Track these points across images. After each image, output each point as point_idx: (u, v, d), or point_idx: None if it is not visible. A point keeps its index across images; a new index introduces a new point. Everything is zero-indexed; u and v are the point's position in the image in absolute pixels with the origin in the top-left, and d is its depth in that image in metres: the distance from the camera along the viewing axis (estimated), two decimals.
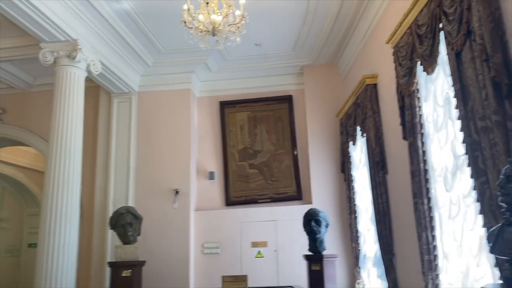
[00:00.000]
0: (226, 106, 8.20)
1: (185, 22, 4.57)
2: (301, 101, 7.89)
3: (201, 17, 4.54)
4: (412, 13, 4.09)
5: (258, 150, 8.01)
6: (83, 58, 5.79)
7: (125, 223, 5.76)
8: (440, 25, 3.50)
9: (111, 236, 6.72)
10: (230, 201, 7.78)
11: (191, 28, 4.57)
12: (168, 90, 7.75)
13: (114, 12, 5.93)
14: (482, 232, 3.10)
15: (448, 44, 3.35)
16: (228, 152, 8.02)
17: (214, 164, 7.95)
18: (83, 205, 6.95)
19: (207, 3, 4.43)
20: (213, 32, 4.53)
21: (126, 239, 5.78)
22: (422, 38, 3.90)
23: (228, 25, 4.55)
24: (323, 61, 7.65)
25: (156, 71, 7.62)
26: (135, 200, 7.23)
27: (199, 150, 7.98)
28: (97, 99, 7.75)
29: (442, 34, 3.51)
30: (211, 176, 7.84)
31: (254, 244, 7.32)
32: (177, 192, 7.29)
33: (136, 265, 5.72)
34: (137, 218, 5.95)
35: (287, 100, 8.02)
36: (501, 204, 2.20)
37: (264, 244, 7.29)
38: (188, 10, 4.54)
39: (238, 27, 4.57)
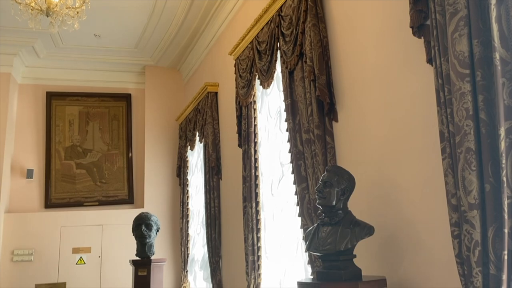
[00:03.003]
0: (54, 98, 7.41)
1: None
2: (140, 101, 7.65)
3: None
4: (254, 30, 4.38)
5: (88, 149, 7.44)
6: None
7: None
8: (278, 44, 3.84)
9: None
10: (51, 203, 7.02)
11: (20, 3, 4.01)
12: None
13: None
14: (299, 233, 3.46)
15: (283, 62, 3.68)
16: (52, 148, 7.24)
17: (34, 161, 7.08)
18: None
19: None
20: (47, 12, 4.06)
21: None
22: (261, 54, 4.21)
23: (66, 8, 4.14)
24: (166, 64, 7.58)
25: None
26: None
27: (17, 144, 7.00)
28: None
29: (279, 52, 3.84)
30: (29, 174, 6.94)
31: (75, 250, 6.73)
32: None
33: None
34: None
35: (126, 98, 7.69)
36: (318, 206, 2.50)
37: (87, 250, 6.76)
38: None
39: (77, 12, 4.20)
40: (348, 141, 2.98)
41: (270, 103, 4.37)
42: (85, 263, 6.66)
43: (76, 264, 6.63)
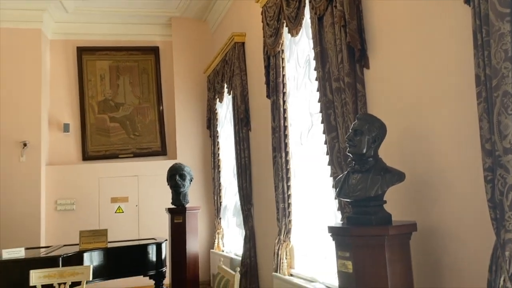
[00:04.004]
0: (84, 53, 7.53)
1: None
2: (168, 54, 7.67)
3: None
4: None
5: (120, 102, 7.62)
6: None
7: None
8: None
9: None
10: (88, 156, 7.33)
11: None
12: (14, 29, 6.77)
13: None
14: (329, 181, 3.51)
15: (312, 8, 3.57)
16: (86, 103, 7.45)
17: (69, 115, 7.33)
18: None
19: None
20: None
21: None
22: (289, 0, 4.09)
23: None
24: (192, 15, 7.49)
25: None
26: None
27: (52, 99, 7.24)
28: None
29: None
30: (65, 128, 7.22)
31: (114, 200, 7.09)
32: (25, 145, 6.56)
33: None
34: None
35: (153, 51, 7.72)
36: (348, 154, 2.52)
37: (125, 199, 7.11)
38: None
39: None
40: (379, 89, 2.93)
41: (299, 51, 4.30)
42: (123, 212, 7.03)
43: (115, 212, 7.01)
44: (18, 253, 3.96)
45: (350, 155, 2.48)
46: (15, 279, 3.54)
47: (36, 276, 3.07)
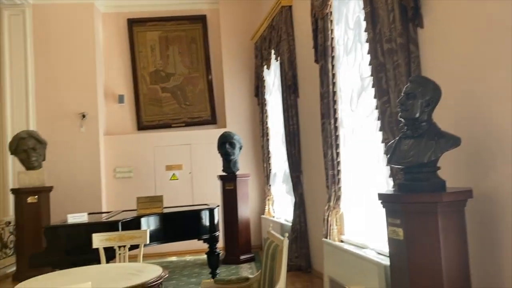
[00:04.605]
0: (134, 24, 7.68)
1: None
2: (215, 22, 7.64)
3: None
4: None
5: (171, 73, 7.76)
6: None
7: (28, 148, 5.41)
8: None
9: (13, 161, 6.26)
10: (142, 125, 7.60)
11: None
12: (68, 4, 7.01)
13: None
14: (380, 147, 3.41)
15: None
16: (139, 74, 7.66)
17: (123, 87, 7.59)
18: None
19: None
20: None
21: (29, 165, 5.46)
22: None
23: None
24: None
25: None
26: (37, 123, 6.74)
27: (107, 71, 7.51)
28: None
29: None
30: (120, 99, 7.50)
31: (169, 167, 7.36)
32: (84, 116, 6.90)
33: (43, 191, 5.47)
34: (41, 142, 5.60)
35: (201, 20, 7.72)
36: (400, 119, 2.42)
37: (179, 167, 7.36)
38: None
39: None
40: (434, 49, 2.75)
41: (348, 13, 4.12)
42: (178, 179, 7.29)
43: (170, 179, 7.29)
44: (82, 217, 4.25)
45: (402, 119, 2.38)
46: (79, 241, 3.81)
47: (98, 239, 3.28)
